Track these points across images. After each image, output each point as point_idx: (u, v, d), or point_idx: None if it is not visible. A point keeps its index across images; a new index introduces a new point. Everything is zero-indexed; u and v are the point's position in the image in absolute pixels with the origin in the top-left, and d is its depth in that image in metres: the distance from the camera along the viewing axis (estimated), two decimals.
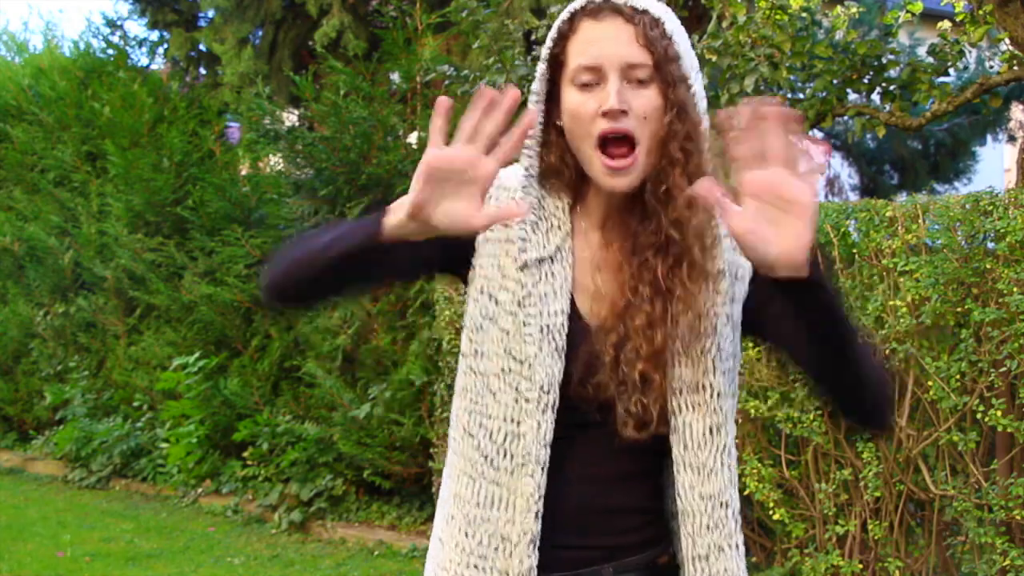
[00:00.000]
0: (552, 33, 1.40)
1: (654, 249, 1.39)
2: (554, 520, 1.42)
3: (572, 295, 1.43)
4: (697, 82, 1.38)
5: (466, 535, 1.46)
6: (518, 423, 1.41)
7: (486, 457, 1.44)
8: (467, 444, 1.47)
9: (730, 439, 1.45)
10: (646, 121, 1.34)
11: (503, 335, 1.42)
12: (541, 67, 1.40)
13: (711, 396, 1.41)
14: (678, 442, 1.41)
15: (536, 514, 1.40)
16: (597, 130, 1.34)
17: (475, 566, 1.45)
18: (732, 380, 1.45)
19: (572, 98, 1.36)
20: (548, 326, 1.39)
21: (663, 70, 1.34)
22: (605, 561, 1.47)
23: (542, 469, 1.40)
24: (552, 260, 1.41)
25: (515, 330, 1.41)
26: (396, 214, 1.29)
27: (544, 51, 1.40)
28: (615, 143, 1.34)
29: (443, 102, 1.21)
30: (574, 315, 1.42)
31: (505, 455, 1.42)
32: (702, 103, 1.39)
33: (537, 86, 1.40)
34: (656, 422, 1.39)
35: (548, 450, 1.40)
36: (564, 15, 1.39)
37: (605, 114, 1.33)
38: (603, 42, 1.35)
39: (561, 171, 1.42)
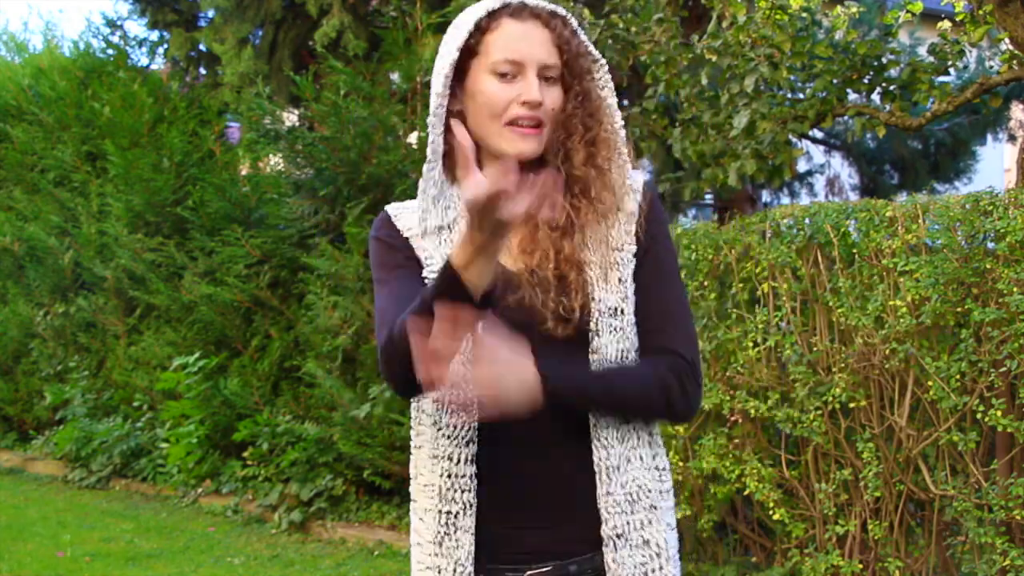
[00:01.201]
0: (468, 26, 1.54)
1: None
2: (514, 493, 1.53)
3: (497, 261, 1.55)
4: (601, 71, 1.61)
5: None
6: None
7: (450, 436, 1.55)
8: (428, 424, 1.57)
9: None
10: (552, 112, 1.56)
11: None
12: (454, 55, 1.53)
13: (625, 322, 1.55)
14: (597, 361, 1.53)
15: (464, 458, 1.51)
16: (513, 112, 1.53)
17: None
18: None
19: (491, 85, 1.54)
20: None
21: (571, 67, 1.56)
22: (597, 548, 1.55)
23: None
24: (450, 229, 1.59)
25: None
26: (471, 264, 1.35)
27: (459, 40, 1.54)
28: (527, 126, 1.54)
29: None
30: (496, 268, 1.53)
31: None
32: (607, 91, 1.61)
33: (447, 71, 1.54)
34: (580, 317, 1.52)
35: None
36: (481, 11, 1.54)
37: (525, 103, 1.52)
38: (525, 41, 1.54)
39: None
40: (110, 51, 9.67)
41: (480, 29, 1.54)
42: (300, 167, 6.78)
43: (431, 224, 1.58)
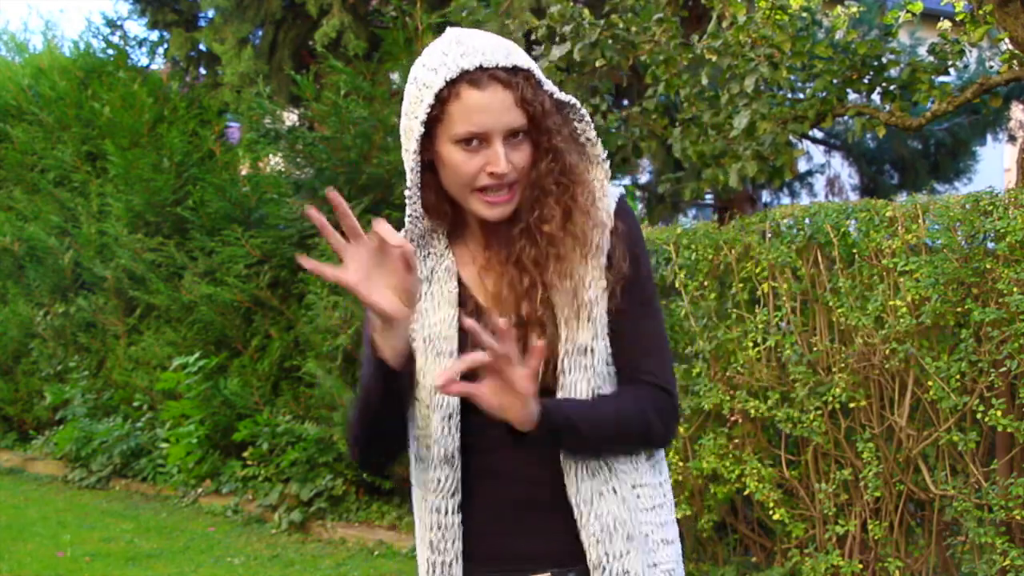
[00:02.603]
0: (428, 98, 1.50)
1: (525, 240, 1.55)
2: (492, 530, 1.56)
3: (475, 300, 1.58)
4: (574, 111, 1.57)
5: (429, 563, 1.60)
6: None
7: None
8: (419, 470, 1.60)
9: None
10: (523, 170, 1.53)
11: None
12: (419, 128, 1.51)
13: (595, 360, 1.54)
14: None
15: (451, 508, 1.54)
16: (481, 182, 1.51)
17: None
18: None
19: (457, 156, 1.51)
20: (430, 336, 1.56)
21: (539, 125, 1.52)
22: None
23: (447, 462, 1.54)
24: (430, 281, 1.59)
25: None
26: (376, 339, 1.48)
27: (421, 113, 1.50)
28: (496, 191, 1.53)
29: (333, 199, 1.39)
30: (477, 315, 1.55)
31: None
32: (584, 123, 1.59)
33: (413, 144, 1.52)
34: (544, 377, 1.50)
35: (443, 446, 1.53)
36: (440, 81, 1.49)
37: (491, 174, 1.50)
38: (487, 111, 1.49)
39: (439, 207, 1.59)
40: (110, 51, 9.67)
41: (440, 99, 1.50)
42: (300, 167, 6.78)
43: None
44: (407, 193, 1.55)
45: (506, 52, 1.51)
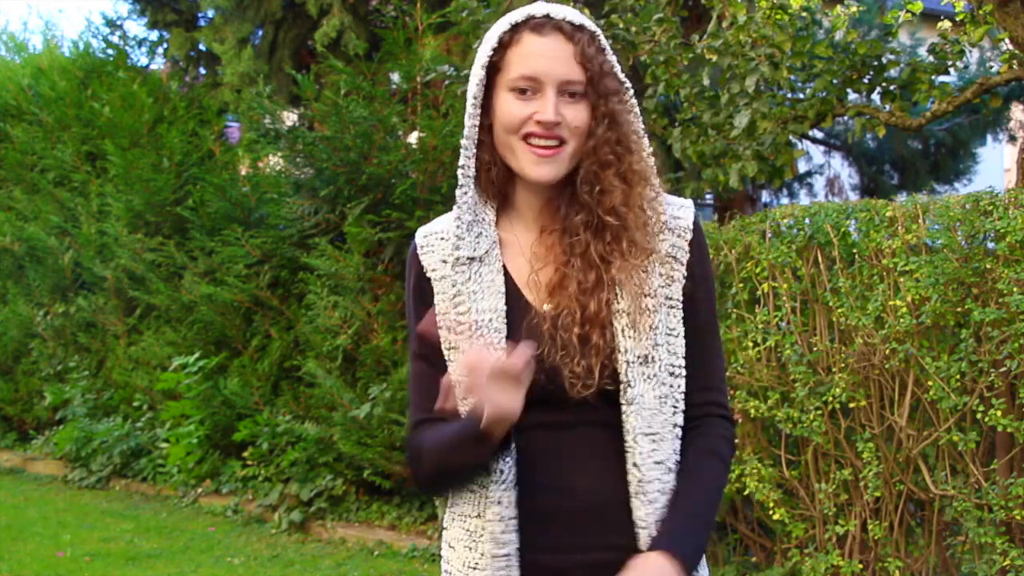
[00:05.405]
0: (492, 42, 1.50)
1: (585, 228, 1.50)
2: (550, 520, 1.51)
3: (519, 292, 1.54)
4: (628, 95, 1.52)
5: (469, 549, 1.55)
6: None
7: None
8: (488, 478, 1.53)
9: (677, 415, 1.53)
10: (576, 130, 1.49)
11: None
12: (479, 72, 1.51)
13: (659, 368, 1.51)
14: (634, 412, 1.49)
15: (510, 501, 1.49)
16: (527, 128, 1.48)
17: None
18: (676, 356, 1.53)
19: (509, 102, 1.49)
20: (479, 322, 1.50)
21: (596, 85, 1.49)
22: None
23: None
24: (481, 261, 1.54)
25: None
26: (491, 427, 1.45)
27: (483, 57, 1.50)
28: (545, 147, 1.48)
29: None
30: (524, 308, 1.51)
31: None
32: (634, 116, 1.53)
33: (475, 90, 1.51)
34: (600, 380, 1.48)
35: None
36: (504, 26, 1.50)
37: (540, 123, 1.47)
38: (544, 57, 1.47)
39: (490, 168, 1.54)
40: (110, 51, 9.67)
41: (503, 44, 1.50)
42: (300, 167, 6.77)
43: (463, 254, 1.53)
44: (463, 144, 1.52)
45: (578, 15, 1.50)
